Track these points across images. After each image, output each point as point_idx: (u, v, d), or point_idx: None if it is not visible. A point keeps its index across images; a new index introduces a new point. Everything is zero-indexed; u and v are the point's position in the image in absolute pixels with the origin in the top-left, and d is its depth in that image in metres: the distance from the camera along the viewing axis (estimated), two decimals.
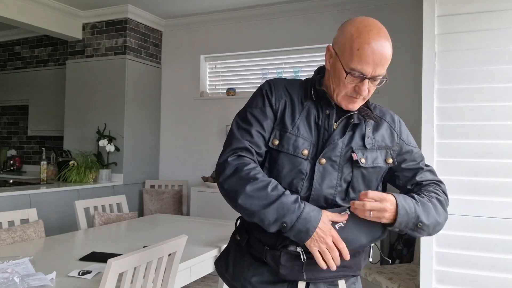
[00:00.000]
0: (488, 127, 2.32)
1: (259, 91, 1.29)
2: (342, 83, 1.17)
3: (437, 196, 1.25)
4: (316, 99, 1.25)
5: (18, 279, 1.54)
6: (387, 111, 1.35)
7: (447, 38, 2.40)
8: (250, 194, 1.12)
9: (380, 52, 1.12)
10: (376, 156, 1.25)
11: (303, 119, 1.23)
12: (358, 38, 1.12)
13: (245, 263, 1.28)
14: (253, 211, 1.12)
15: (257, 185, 1.13)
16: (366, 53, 1.11)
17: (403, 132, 1.33)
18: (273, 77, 4.48)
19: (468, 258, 2.33)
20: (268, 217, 1.10)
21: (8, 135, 5.88)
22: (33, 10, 4.25)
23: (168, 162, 4.98)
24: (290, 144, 1.21)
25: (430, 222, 1.18)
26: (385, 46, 1.13)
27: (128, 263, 1.46)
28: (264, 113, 1.24)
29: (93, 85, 4.70)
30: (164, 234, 2.57)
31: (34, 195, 3.61)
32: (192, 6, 4.46)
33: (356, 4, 4.06)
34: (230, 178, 1.16)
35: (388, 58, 1.14)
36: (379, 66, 1.13)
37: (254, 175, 1.14)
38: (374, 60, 1.12)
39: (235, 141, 1.21)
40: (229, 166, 1.17)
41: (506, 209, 2.27)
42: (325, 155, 1.20)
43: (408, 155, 1.32)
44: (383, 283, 2.71)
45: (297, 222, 1.09)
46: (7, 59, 5.75)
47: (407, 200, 1.16)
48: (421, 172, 1.32)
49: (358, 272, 1.26)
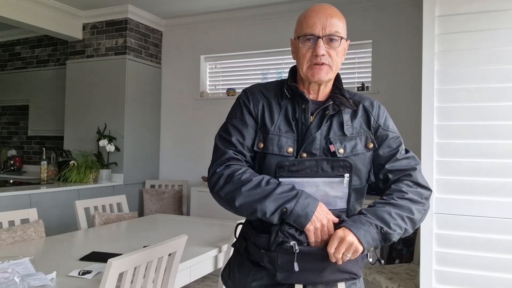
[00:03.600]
0: (488, 127, 2.32)
1: (237, 101, 1.32)
2: (301, 54, 1.22)
3: (401, 195, 1.20)
4: (291, 96, 1.27)
5: (18, 279, 1.54)
6: (367, 97, 1.34)
7: (447, 38, 2.40)
8: (247, 193, 1.15)
9: (324, 12, 1.21)
10: (355, 144, 1.24)
11: (282, 118, 1.25)
12: (303, 13, 1.25)
13: (245, 269, 1.28)
14: (254, 208, 1.14)
15: (251, 184, 1.15)
16: (310, 16, 1.21)
17: (381, 116, 1.30)
18: (272, 79, 4.49)
19: (468, 258, 2.33)
20: (269, 208, 1.13)
21: (8, 135, 5.88)
22: (33, 10, 4.25)
23: (168, 162, 4.99)
24: (274, 144, 1.22)
25: (392, 222, 1.15)
26: (329, 9, 1.22)
27: (128, 263, 1.46)
28: (243, 122, 1.26)
29: (93, 85, 4.71)
30: (164, 234, 2.58)
31: (34, 195, 3.61)
32: (192, 6, 4.46)
33: (356, 4, 4.05)
34: (224, 187, 1.18)
35: (335, 16, 1.21)
36: (328, 25, 1.19)
37: (246, 178, 1.17)
38: (320, 19, 1.19)
39: (220, 153, 1.24)
40: (221, 177, 1.19)
41: (506, 209, 2.27)
42: (305, 149, 1.21)
43: (383, 140, 1.28)
44: (383, 283, 2.71)
45: (296, 207, 1.12)
46: (7, 59, 5.75)
47: (354, 218, 1.14)
48: (392, 161, 1.26)
49: (359, 275, 1.23)
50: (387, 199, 1.21)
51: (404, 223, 1.17)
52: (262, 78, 4.57)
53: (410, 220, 1.18)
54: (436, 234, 2.39)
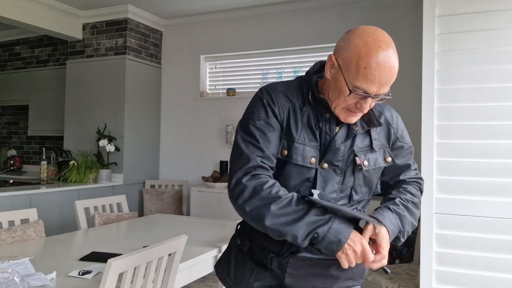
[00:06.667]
0: (488, 127, 2.32)
1: (259, 100, 1.21)
2: (343, 97, 1.11)
3: (412, 200, 1.28)
4: (314, 104, 1.20)
5: (18, 279, 1.54)
6: (384, 105, 1.32)
7: (447, 38, 2.40)
8: (277, 213, 1.08)
9: (387, 72, 1.06)
10: (377, 157, 1.24)
11: (305, 125, 1.19)
12: (366, 55, 1.05)
13: (246, 268, 1.27)
14: (284, 231, 1.08)
15: (282, 203, 1.08)
16: (373, 73, 1.05)
17: (399, 128, 1.31)
18: (272, 79, 4.50)
19: (468, 258, 2.33)
20: (300, 232, 1.07)
21: (8, 135, 5.88)
22: (33, 10, 4.25)
23: (168, 162, 4.99)
24: (298, 154, 1.17)
25: (407, 230, 1.24)
26: (393, 65, 1.07)
27: (128, 263, 1.46)
28: (269, 125, 1.18)
29: (93, 85, 4.70)
30: (164, 234, 2.57)
31: (34, 195, 3.61)
32: (192, 6, 4.46)
33: (356, 4, 4.05)
34: (251, 200, 1.10)
35: (394, 76, 1.09)
36: (384, 86, 1.08)
37: (275, 193, 1.10)
38: (380, 80, 1.06)
39: (245, 158, 1.15)
40: (247, 188, 1.11)
41: (506, 209, 2.27)
42: (327, 160, 1.18)
43: (398, 151, 1.31)
44: (383, 283, 2.71)
45: (328, 233, 1.06)
46: (7, 59, 5.75)
47: (392, 221, 1.19)
48: (407, 171, 1.33)
49: (361, 281, 1.28)
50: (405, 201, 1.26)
51: (409, 228, 1.25)
52: (262, 78, 4.57)
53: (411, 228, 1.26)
54: (436, 234, 2.39)
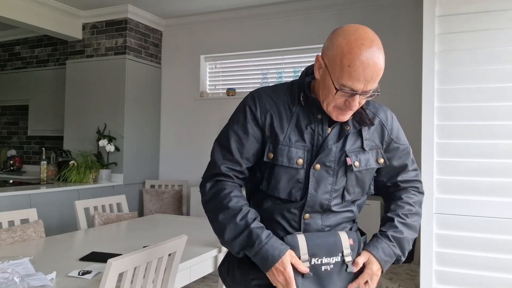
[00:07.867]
0: (488, 127, 2.32)
1: (242, 105, 1.25)
2: (331, 96, 1.13)
3: (410, 212, 1.29)
4: (305, 104, 1.21)
5: (18, 279, 1.54)
6: (380, 106, 1.32)
7: (447, 38, 2.40)
8: (222, 222, 1.19)
9: (372, 68, 1.06)
10: (368, 158, 1.24)
11: (293, 127, 1.20)
12: (348, 54, 1.06)
13: (246, 267, 1.28)
14: (224, 241, 1.20)
15: (228, 214, 1.18)
16: (357, 70, 1.06)
17: (394, 128, 1.30)
18: (272, 79, 4.51)
19: (468, 258, 2.33)
20: (234, 247, 1.19)
21: (8, 135, 5.88)
22: (33, 10, 4.25)
23: (168, 162, 4.98)
24: (284, 156, 1.19)
25: (407, 249, 1.27)
26: (377, 62, 1.07)
27: (128, 263, 1.46)
28: (245, 129, 1.22)
29: (93, 85, 4.70)
30: (164, 234, 2.57)
31: (34, 195, 3.60)
32: (192, 6, 4.46)
33: (356, 4, 4.05)
34: (209, 203, 1.24)
35: (380, 72, 1.09)
36: (371, 82, 1.08)
37: (226, 203, 1.19)
38: (365, 77, 1.07)
39: (213, 164, 1.26)
40: (207, 192, 1.24)
41: (506, 209, 2.27)
42: (320, 160, 1.19)
43: (394, 152, 1.30)
44: (383, 283, 2.71)
45: (257, 255, 1.15)
46: (7, 59, 5.75)
47: (386, 251, 1.22)
48: (404, 172, 1.33)
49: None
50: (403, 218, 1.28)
51: (410, 246, 1.28)
52: (262, 78, 4.57)
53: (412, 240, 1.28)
54: (436, 234, 2.39)
